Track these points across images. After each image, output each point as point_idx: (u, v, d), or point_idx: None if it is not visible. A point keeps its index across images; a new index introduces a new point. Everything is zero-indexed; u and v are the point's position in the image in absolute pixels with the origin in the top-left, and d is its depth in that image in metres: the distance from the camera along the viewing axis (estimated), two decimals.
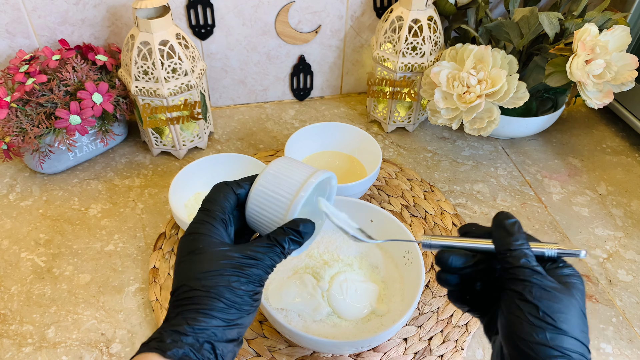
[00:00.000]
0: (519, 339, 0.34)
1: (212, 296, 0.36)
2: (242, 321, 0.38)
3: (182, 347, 0.34)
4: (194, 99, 0.76)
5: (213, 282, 0.37)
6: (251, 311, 0.38)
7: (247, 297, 0.38)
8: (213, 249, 0.38)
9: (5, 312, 0.60)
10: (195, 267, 0.38)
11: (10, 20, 0.76)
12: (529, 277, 0.35)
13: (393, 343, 0.58)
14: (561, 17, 0.73)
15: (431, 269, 0.66)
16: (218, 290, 0.37)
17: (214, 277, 0.37)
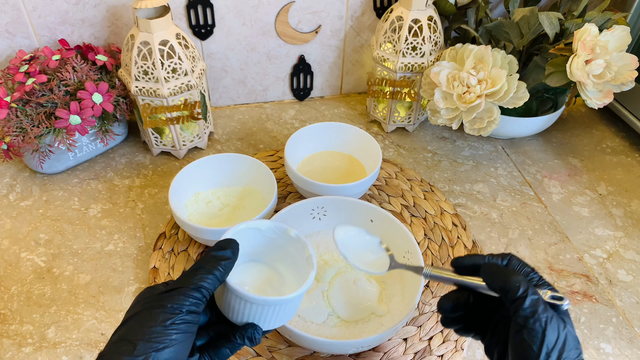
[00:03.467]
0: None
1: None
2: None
3: None
4: (194, 99, 0.76)
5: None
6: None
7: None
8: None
9: (5, 312, 0.60)
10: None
11: (10, 20, 0.76)
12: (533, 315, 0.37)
13: (393, 343, 0.58)
14: (561, 17, 0.73)
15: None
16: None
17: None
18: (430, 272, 0.46)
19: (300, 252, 0.48)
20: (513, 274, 0.39)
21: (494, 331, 0.42)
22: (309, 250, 0.47)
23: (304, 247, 0.47)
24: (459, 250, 0.67)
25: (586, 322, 0.61)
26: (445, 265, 0.66)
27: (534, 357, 0.36)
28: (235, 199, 0.71)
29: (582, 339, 0.60)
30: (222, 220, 0.68)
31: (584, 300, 0.64)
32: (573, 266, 0.68)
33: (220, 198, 0.71)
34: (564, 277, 0.66)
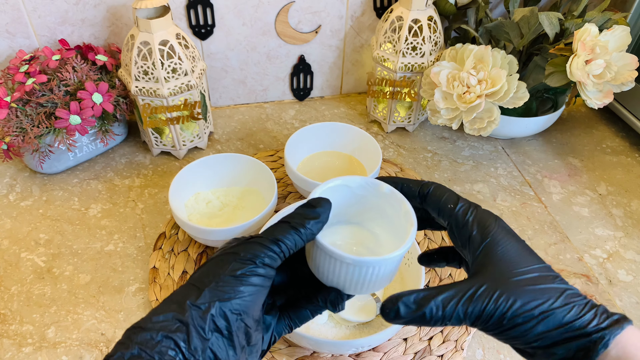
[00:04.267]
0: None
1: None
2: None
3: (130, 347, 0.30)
4: (194, 99, 0.76)
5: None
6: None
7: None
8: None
9: (5, 312, 0.60)
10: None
11: (10, 20, 0.76)
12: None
13: (393, 343, 0.58)
14: (561, 17, 0.73)
15: (431, 269, 0.66)
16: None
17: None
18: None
19: (397, 208, 0.40)
20: (444, 203, 0.39)
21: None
22: (407, 205, 0.39)
23: (400, 203, 0.40)
24: None
25: None
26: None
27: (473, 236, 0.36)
28: (235, 199, 0.71)
29: None
30: (222, 220, 0.68)
31: None
32: (573, 266, 0.68)
33: (220, 198, 0.71)
34: (564, 277, 0.66)
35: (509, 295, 0.33)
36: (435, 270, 0.65)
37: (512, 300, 0.33)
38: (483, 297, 0.33)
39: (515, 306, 0.33)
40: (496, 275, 0.34)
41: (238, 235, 0.62)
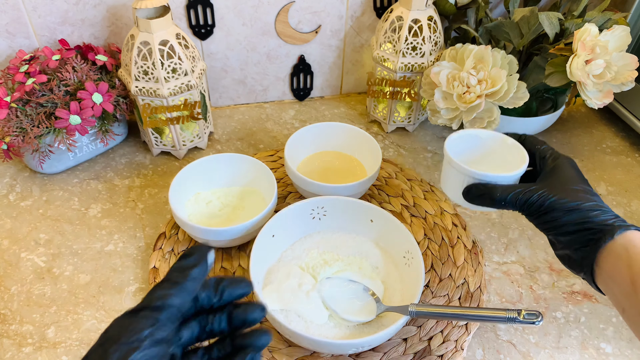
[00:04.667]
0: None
1: None
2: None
3: None
4: (194, 99, 0.76)
5: None
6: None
7: None
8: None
9: (5, 312, 0.60)
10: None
11: (10, 20, 0.76)
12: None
13: (393, 343, 0.58)
14: (561, 17, 0.73)
15: (431, 269, 0.66)
16: None
17: None
18: (415, 310, 0.51)
19: (515, 155, 0.54)
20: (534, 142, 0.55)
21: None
22: (524, 151, 0.53)
23: (519, 150, 0.54)
24: (459, 250, 0.67)
25: (586, 322, 0.61)
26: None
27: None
28: (235, 199, 0.71)
29: (582, 339, 0.60)
30: (222, 220, 0.68)
31: (584, 300, 0.64)
32: None
33: (220, 198, 0.71)
34: (564, 277, 0.66)
35: (551, 192, 0.47)
36: (435, 271, 0.65)
37: (552, 195, 0.47)
38: (534, 191, 0.48)
39: (553, 199, 0.47)
40: (548, 184, 0.49)
41: (238, 235, 0.62)
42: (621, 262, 0.43)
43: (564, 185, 0.48)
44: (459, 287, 0.64)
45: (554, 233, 0.48)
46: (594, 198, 0.47)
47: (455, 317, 0.52)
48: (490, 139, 0.56)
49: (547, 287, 0.65)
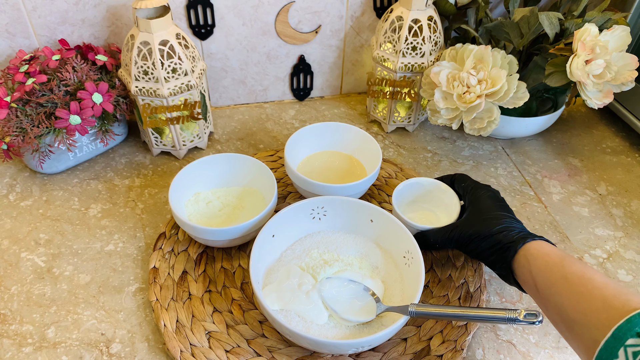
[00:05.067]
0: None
1: None
2: None
3: None
4: (194, 99, 0.76)
5: None
6: None
7: None
8: None
9: (5, 312, 0.60)
10: None
11: (10, 20, 0.76)
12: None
13: (393, 343, 0.58)
14: (561, 17, 0.73)
15: (431, 269, 0.66)
16: None
17: None
18: (415, 310, 0.52)
19: (451, 197, 0.66)
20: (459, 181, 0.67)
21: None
22: (456, 198, 0.66)
23: (452, 194, 0.67)
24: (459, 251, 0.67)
25: None
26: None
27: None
28: (235, 199, 0.71)
29: None
30: (222, 220, 0.68)
31: None
32: None
33: (220, 198, 0.71)
34: None
35: (468, 227, 0.59)
36: (435, 271, 0.65)
37: (468, 229, 0.58)
38: (455, 230, 0.59)
39: (470, 233, 0.58)
40: (467, 218, 0.60)
41: (238, 235, 0.62)
42: (525, 269, 0.52)
43: (479, 217, 0.59)
44: (458, 288, 0.64)
45: (479, 259, 0.59)
46: (503, 221, 0.57)
47: (455, 317, 0.52)
48: (430, 184, 0.69)
49: None
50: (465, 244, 0.58)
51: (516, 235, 0.55)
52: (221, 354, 0.56)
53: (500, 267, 0.56)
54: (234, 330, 0.58)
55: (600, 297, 0.44)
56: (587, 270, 0.48)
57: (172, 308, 0.60)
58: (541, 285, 0.50)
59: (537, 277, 0.51)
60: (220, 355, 0.56)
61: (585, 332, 0.44)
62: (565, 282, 0.48)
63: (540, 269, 0.51)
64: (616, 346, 0.40)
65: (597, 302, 0.44)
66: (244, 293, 0.62)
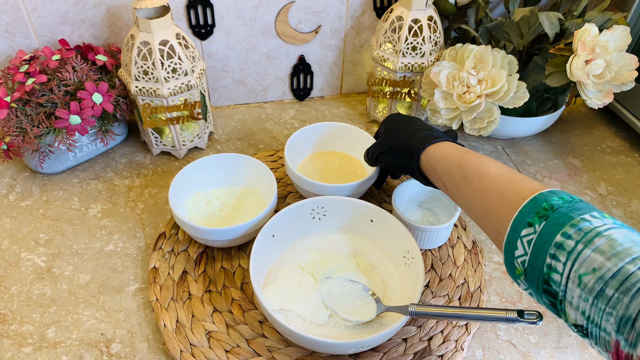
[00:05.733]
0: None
1: None
2: None
3: None
4: (194, 99, 0.76)
5: None
6: None
7: None
8: None
9: (5, 312, 0.60)
10: None
11: (10, 20, 0.76)
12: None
13: (393, 343, 0.58)
14: (561, 17, 0.73)
15: (431, 269, 0.66)
16: None
17: None
18: (415, 310, 0.52)
19: (450, 199, 0.67)
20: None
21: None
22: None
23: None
24: (459, 250, 0.67)
25: None
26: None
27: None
28: (235, 199, 0.71)
29: (582, 339, 0.60)
30: (222, 220, 0.68)
31: None
32: None
33: (220, 198, 0.71)
34: None
35: (382, 142, 0.64)
36: (435, 271, 0.65)
37: (383, 143, 0.63)
38: (372, 147, 0.66)
39: (382, 146, 0.63)
40: (382, 138, 0.65)
41: (238, 235, 0.62)
42: (432, 174, 0.56)
43: (388, 134, 0.64)
44: (459, 287, 0.64)
45: (397, 172, 0.69)
46: (409, 132, 0.60)
47: (455, 317, 0.52)
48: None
49: None
50: (382, 161, 0.63)
51: (418, 140, 0.58)
52: (221, 354, 0.56)
53: (413, 175, 0.60)
54: (234, 330, 0.58)
55: (495, 191, 0.46)
56: (483, 164, 0.50)
57: (172, 308, 0.60)
58: (448, 186, 0.53)
59: (443, 179, 0.54)
60: (220, 355, 0.56)
61: (490, 225, 0.47)
62: (465, 182, 0.50)
63: (443, 171, 0.54)
64: (514, 238, 0.42)
65: (493, 196, 0.46)
66: (244, 293, 0.62)
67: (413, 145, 0.58)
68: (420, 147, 0.57)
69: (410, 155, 0.58)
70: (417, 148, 0.57)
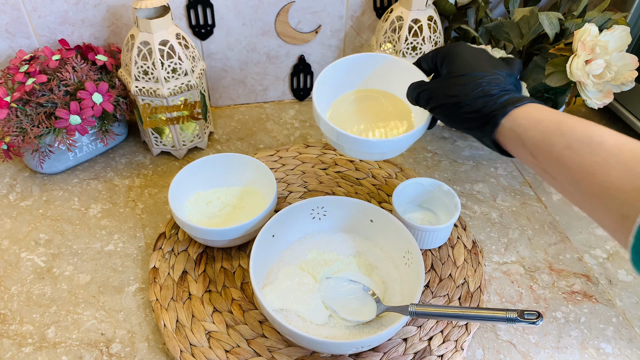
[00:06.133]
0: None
1: None
2: None
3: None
4: (194, 99, 0.76)
5: None
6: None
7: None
8: None
9: (5, 312, 0.60)
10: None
11: (10, 20, 0.76)
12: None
13: (393, 343, 0.58)
14: (561, 17, 0.73)
15: (431, 269, 0.66)
16: None
17: None
18: (415, 310, 0.52)
19: (450, 200, 0.67)
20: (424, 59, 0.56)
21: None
22: (456, 198, 0.66)
23: (453, 196, 0.66)
24: (459, 250, 0.67)
25: (586, 322, 0.61)
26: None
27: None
28: (235, 199, 0.71)
29: (582, 339, 0.60)
30: (222, 220, 0.68)
31: (584, 300, 0.64)
32: (573, 266, 0.68)
33: (220, 198, 0.71)
34: (564, 277, 0.66)
35: (440, 90, 0.50)
36: (435, 271, 0.65)
37: (441, 92, 0.49)
38: (427, 91, 0.51)
39: (441, 96, 0.49)
40: (440, 80, 0.51)
41: (238, 235, 0.62)
42: (516, 144, 0.45)
43: (449, 77, 0.50)
44: (459, 287, 0.64)
45: (455, 128, 0.52)
46: (479, 81, 0.47)
47: (455, 317, 0.52)
48: (430, 184, 0.69)
49: (547, 287, 0.65)
50: (440, 113, 0.50)
51: (496, 100, 0.46)
52: (221, 354, 0.56)
53: (484, 142, 0.49)
54: (234, 330, 0.58)
55: (618, 165, 0.38)
56: (594, 131, 0.41)
57: (172, 308, 0.60)
58: (542, 160, 0.43)
59: (535, 152, 0.44)
60: (220, 355, 0.56)
61: (610, 207, 0.38)
62: (570, 153, 0.41)
63: (536, 141, 0.43)
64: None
65: (616, 172, 0.37)
66: (244, 293, 0.62)
67: (490, 107, 0.46)
68: (500, 111, 0.45)
69: (484, 120, 0.46)
70: (496, 112, 0.45)
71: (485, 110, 0.46)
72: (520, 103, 0.45)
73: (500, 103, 0.46)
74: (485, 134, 0.47)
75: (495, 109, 0.46)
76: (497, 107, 0.46)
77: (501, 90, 0.47)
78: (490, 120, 0.46)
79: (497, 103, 0.46)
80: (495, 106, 0.46)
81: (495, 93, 0.46)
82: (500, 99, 0.46)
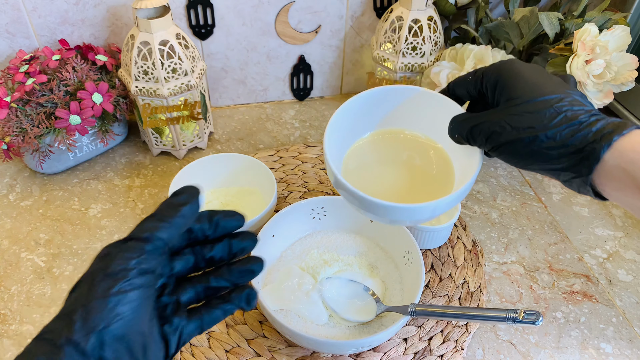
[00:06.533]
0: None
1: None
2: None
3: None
4: (194, 99, 0.76)
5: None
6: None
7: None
8: None
9: (5, 312, 0.60)
10: None
11: (10, 20, 0.76)
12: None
13: (393, 343, 0.58)
14: (561, 17, 0.73)
15: (431, 269, 0.66)
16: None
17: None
18: (415, 310, 0.52)
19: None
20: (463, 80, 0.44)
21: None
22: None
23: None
24: (459, 250, 0.67)
25: (586, 322, 0.62)
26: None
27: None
28: (235, 199, 0.71)
29: (582, 339, 0.60)
30: None
31: (584, 300, 0.64)
32: (573, 266, 0.68)
33: (220, 198, 0.71)
34: (564, 277, 0.66)
35: (503, 120, 0.38)
36: (435, 271, 0.65)
37: (505, 124, 0.38)
38: (484, 124, 0.39)
39: (505, 128, 0.38)
40: (500, 109, 0.39)
41: None
42: (622, 184, 0.34)
43: (514, 105, 0.38)
44: (459, 287, 0.64)
45: (527, 169, 0.40)
46: (557, 106, 0.36)
47: (455, 317, 0.52)
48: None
49: (547, 287, 0.65)
50: (501, 148, 0.38)
51: (589, 129, 0.35)
52: (221, 354, 0.56)
53: (571, 184, 0.38)
54: (234, 330, 0.58)
55: None
56: None
57: None
58: None
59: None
60: (220, 355, 0.56)
61: None
62: None
63: None
64: None
65: None
66: None
67: (584, 139, 0.35)
68: (599, 143, 0.34)
69: (578, 157, 0.35)
70: (595, 145, 0.34)
71: (577, 143, 0.35)
72: (625, 130, 0.34)
73: (596, 132, 0.35)
74: (578, 174, 0.36)
75: (593, 140, 0.35)
76: (593, 137, 0.35)
77: (591, 115, 0.36)
78: (589, 156, 0.35)
79: (592, 132, 0.35)
80: (590, 136, 0.35)
81: (583, 120, 0.36)
82: (594, 127, 0.35)
